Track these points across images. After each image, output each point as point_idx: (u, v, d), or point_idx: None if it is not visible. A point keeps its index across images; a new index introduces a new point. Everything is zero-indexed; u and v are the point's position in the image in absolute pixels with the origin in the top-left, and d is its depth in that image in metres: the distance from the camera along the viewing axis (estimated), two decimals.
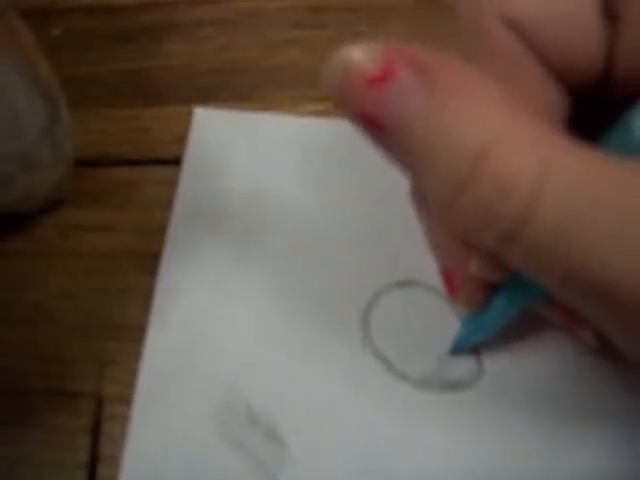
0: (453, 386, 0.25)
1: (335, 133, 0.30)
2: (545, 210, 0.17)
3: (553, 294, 0.19)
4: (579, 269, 0.17)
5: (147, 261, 0.28)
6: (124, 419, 0.25)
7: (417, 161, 0.18)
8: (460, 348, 0.26)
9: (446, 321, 0.26)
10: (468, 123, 0.17)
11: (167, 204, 0.29)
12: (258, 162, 0.30)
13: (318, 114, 0.30)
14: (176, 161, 0.30)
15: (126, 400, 0.25)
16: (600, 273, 0.17)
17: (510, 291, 0.24)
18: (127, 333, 0.27)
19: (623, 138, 0.19)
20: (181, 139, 0.30)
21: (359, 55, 0.18)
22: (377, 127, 0.18)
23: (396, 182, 0.26)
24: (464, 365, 0.26)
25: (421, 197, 0.24)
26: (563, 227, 0.17)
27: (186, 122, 0.31)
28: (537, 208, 0.17)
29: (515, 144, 0.17)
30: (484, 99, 0.18)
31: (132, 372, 0.26)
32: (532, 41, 0.21)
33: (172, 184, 0.29)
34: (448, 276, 0.25)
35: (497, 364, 0.26)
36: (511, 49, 0.21)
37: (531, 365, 0.25)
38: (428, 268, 0.26)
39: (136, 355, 0.26)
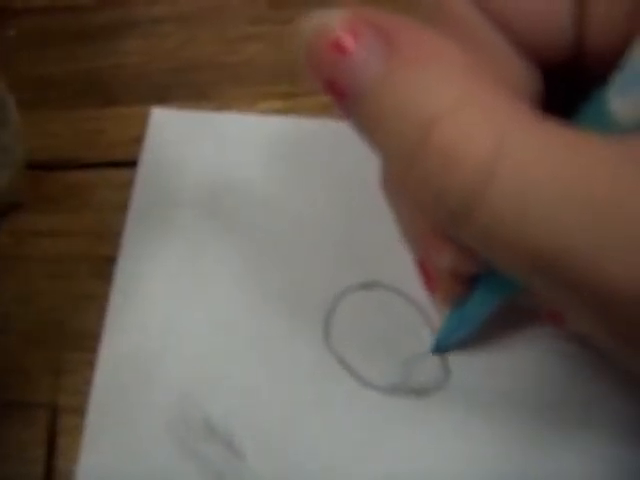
0: (420, 391, 0.25)
1: (297, 132, 0.29)
2: (497, 192, 0.16)
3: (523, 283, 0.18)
4: (539, 260, 0.16)
5: (105, 266, 0.27)
6: (80, 431, 0.24)
7: (375, 132, 0.18)
8: (442, 346, 0.25)
9: (412, 324, 0.25)
10: (422, 91, 0.17)
11: (125, 207, 0.28)
12: (217, 163, 0.29)
13: (278, 112, 0.30)
14: (133, 163, 0.29)
15: (82, 411, 0.25)
16: (565, 266, 0.16)
17: (489, 282, 0.22)
18: (84, 341, 0.26)
19: (597, 115, 0.18)
20: (138, 140, 0.29)
21: (324, 21, 0.17)
22: (339, 94, 0.18)
23: (363, 181, 0.26)
24: (430, 368, 0.25)
25: (390, 181, 0.23)
26: (516, 212, 0.16)
27: (143, 122, 0.29)
28: (488, 189, 0.16)
29: (470, 114, 0.16)
30: (447, 64, 0.17)
31: (88, 382, 0.25)
32: (498, 15, 0.20)
33: (130, 187, 0.28)
34: (425, 269, 0.24)
35: (463, 366, 0.25)
36: (476, 26, 0.20)
37: (498, 365, 0.25)
38: (394, 269, 0.26)
39: (93, 364, 0.25)
